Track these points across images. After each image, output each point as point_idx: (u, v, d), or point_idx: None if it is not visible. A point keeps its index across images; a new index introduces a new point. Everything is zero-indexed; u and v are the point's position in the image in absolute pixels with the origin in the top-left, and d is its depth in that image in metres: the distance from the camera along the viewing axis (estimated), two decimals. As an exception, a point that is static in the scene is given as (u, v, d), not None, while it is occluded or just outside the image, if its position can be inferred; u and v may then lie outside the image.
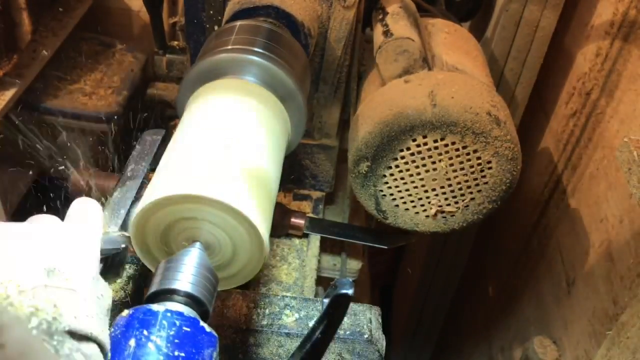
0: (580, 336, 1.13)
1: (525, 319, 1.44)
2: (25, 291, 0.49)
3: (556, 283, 1.28)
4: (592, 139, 1.20)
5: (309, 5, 1.03)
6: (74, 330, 0.50)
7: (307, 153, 1.22)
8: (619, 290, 1.02)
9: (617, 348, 0.88)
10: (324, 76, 1.14)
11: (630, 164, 0.80)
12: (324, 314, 0.66)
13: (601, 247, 1.10)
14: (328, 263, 1.19)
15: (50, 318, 0.47)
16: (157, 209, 0.68)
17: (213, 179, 0.69)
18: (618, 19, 1.14)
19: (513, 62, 1.32)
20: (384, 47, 1.01)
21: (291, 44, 0.96)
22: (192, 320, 0.62)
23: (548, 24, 1.25)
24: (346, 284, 0.66)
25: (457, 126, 0.94)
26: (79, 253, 0.58)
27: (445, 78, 0.98)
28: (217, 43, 0.91)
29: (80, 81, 1.34)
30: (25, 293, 0.49)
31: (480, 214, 1.03)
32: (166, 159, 0.76)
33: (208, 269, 0.69)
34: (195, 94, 0.87)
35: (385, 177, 1.01)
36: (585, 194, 1.19)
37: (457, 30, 1.18)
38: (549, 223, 1.37)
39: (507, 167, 0.98)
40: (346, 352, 0.93)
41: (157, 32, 1.27)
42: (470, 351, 1.83)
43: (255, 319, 0.93)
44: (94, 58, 1.42)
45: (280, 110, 0.87)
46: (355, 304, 0.97)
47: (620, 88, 1.11)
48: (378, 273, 2.53)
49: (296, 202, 1.25)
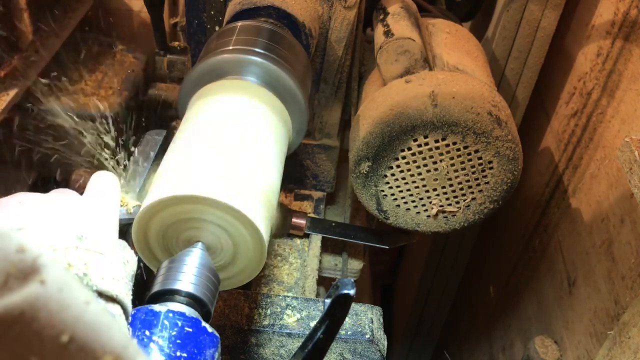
0: (581, 336, 1.13)
1: (526, 318, 1.44)
2: (58, 250, 0.53)
3: (557, 283, 1.28)
4: (593, 139, 1.20)
5: (309, 5, 1.03)
6: (101, 290, 0.53)
7: (308, 153, 1.22)
8: (620, 290, 1.02)
9: (619, 348, 0.88)
10: (325, 76, 1.14)
11: (631, 164, 0.80)
12: (326, 314, 0.66)
13: (602, 247, 1.10)
14: (329, 263, 1.20)
15: (82, 274, 0.51)
16: (159, 209, 0.68)
17: (215, 180, 0.69)
18: (619, 19, 1.14)
19: (514, 62, 1.32)
20: (385, 47, 1.01)
21: (292, 45, 0.96)
22: (194, 321, 0.63)
23: (549, 23, 1.25)
24: (347, 284, 0.66)
25: (458, 126, 0.94)
26: (102, 222, 0.61)
27: (446, 78, 0.98)
28: (218, 44, 0.91)
29: (81, 82, 1.34)
30: (58, 252, 0.52)
31: (481, 213, 1.03)
32: (168, 160, 0.76)
33: (210, 270, 0.69)
34: (196, 94, 0.87)
35: (386, 177, 1.01)
36: (586, 194, 1.19)
37: (458, 30, 1.18)
38: (550, 223, 1.37)
39: (508, 167, 0.98)
40: (348, 352, 0.93)
41: (158, 32, 1.27)
42: (471, 351, 1.83)
43: (257, 319, 0.93)
44: (94, 59, 1.42)
45: (282, 110, 0.88)
46: (357, 304, 0.97)
47: (621, 88, 1.11)
48: (379, 273, 2.53)
49: (297, 202, 1.26)
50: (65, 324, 0.32)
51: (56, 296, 0.32)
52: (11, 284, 0.31)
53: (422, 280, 1.93)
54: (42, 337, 0.31)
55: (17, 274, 0.32)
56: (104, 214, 0.62)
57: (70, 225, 0.57)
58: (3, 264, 0.32)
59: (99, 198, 0.65)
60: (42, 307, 0.32)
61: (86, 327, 0.33)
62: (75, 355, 0.33)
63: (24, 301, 0.31)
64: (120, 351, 0.34)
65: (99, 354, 0.33)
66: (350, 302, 0.66)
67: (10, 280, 0.31)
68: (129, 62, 1.44)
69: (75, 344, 0.33)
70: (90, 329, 0.33)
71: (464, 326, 1.96)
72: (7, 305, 0.30)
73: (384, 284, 2.68)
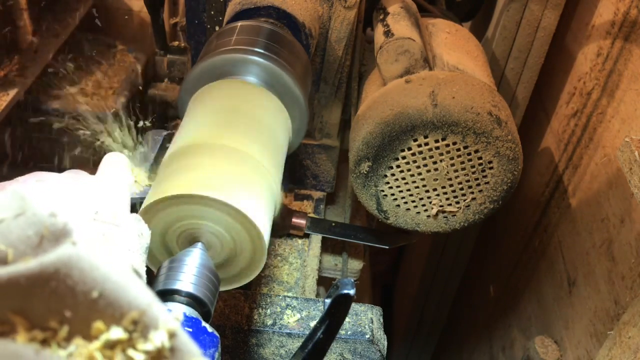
0: (581, 336, 1.13)
1: (526, 318, 1.44)
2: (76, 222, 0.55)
3: (557, 283, 1.28)
4: (593, 139, 1.20)
5: (309, 5, 1.03)
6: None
7: (308, 153, 1.22)
8: (620, 290, 1.02)
9: (619, 348, 0.88)
10: (325, 76, 1.14)
11: (631, 164, 0.80)
12: (326, 314, 0.66)
13: (602, 247, 1.10)
14: (329, 263, 1.20)
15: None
16: (160, 209, 0.68)
17: (215, 180, 0.69)
18: (619, 19, 1.14)
19: (514, 62, 1.32)
20: (385, 47, 1.01)
21: (292, 45, 0.96)
22: (194, 321, 0.63)
23: (549, 23, 1.25)
24: (347, 284, 0.66)
25: (458, 126, 0.94)
26: (115, 198, 0.64)
27: (446, 78, 0.98)
28: (218, 43, 0.91)
29: (81, 82, 1.34)
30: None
31: (481, 213, 1.03)
32: (168, 160, 0.76)
33: (210, 270, 0.69)
34: (196, 94, 0.87)
35: (386, 177, 1.01)
36: (586, 194, 1.19)
37: (458, 30, 1.18)
38: (550, 223, 1.37)
39: (508, 167, 0.98)
40: (348, 352, 0.93)
41: (158, 32, 1.27)
42: (471, 350, 1.83)
43: (257, 319, 0.93)
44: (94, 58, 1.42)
45: (282, 110, 0.88)
46: (357, 304, 0.97)
47: (621, 88, 1.11)
48: (379, 273, 2.53)
49: (297, 202, 1.26)
50: (96, 281, 0.35)
51: (87, 256, 0.36)
52: (45, 245, 0.35)
53: (422, 280, 1.93)
54: (75, 293, 0.35)
55: (49, 236, 0.36)
56: (117, 191, 0.66)
57: (86, 201, 0.60)
58: (37, 226, 0.36)
59: (111, 176, 0.68)
60: (75, 265, 0.35)
61: (114, 285, 0.36)
62: (103, 310, 0.36)
63: (58, 259, 0.34)
64: (145, 307, 0.37)
65: (126, 309, 0.36)
66: (350, 302, 0.66)
67: (44, 242, 0.36)
68: (129, 62, 1.44)
69: (104, 300, 0.36)
70: (117, 287, 0.36)
71: (464, 326, 1.96)
72: (44, 262, 0.34)
73: (384, 284, 2.68)
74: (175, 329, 0.38)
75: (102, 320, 0.36)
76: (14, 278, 0.33)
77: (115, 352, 0.36)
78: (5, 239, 0.35)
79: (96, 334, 0.36)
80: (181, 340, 0.38)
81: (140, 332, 0.36)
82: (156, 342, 0.36)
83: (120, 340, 0.36)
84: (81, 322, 0.35)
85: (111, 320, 0.36)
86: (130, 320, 0.36)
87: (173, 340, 0.37)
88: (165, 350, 0.37)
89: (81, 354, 0.35)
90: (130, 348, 0.36)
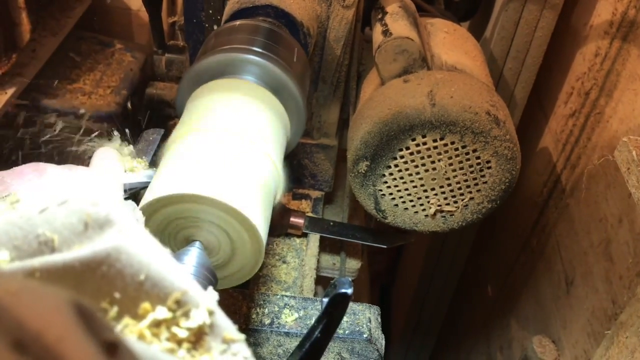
0: (579, 336, 1.13)
1: (524, 318, 1.44)
2: None
3: (555, 282, 1.28)
4: (591, 139, 1.20)
5: (308, 4, 1.03)
6: None
7: (306, 152, 1.22)
8: (617, 289, 1.02)
9: (616, 347, 0.88)
10: (323, 76, 1.14)
11: (629, 164, 0.80)
12: (323, 313, 0.66)
13: (600, 247, 1.10)
14: (327, 262, 1.19)
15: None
16: (157, 208, 0.68)
17: (213, 179, 0.69)
18: (617, 19, 1.14)
19: (512, 61, 1.32)
20: (383, 47, 1.01)
21: (290, 44, 0.96)
22: (191, 320, 0.62)
23: (547, 23, 1.25)
24: (345, 283, 0.66)
25: (456, 126, 0.94)
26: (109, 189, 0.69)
27: (444, 78, 0.98)
28: (216, 42, 0.91)
29: (80, 80, 1.34)
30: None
31: (479, 213, 1.03)
32: (166, 159, 0.76)
33: (207, 269, 0.69)
34: (194, 93, 0.87)
35: (384, 177, 1.01)
36: (584, 194, 1.20)
37: (457, 30, 1.18)
38: (548, 222, 1.37)
39: (507, 166, 0.98)
40: (345, 352, 0.93)
41: (156, 31, 1.27)
42: (469, 350, 1.83)
43: (255, 319, 0.93)
44: (93, 57, 1.42)
45: (280, 109, 0.87)
46: (355, 303, 0.97)
47: (619, 88, 1.11)
48: (377, 272, 2.53)
49: (295, 201, 1.25)
50: (142, 265, 0.39)
51: (132, 242, 0.39)
52: (90, 232, 0.39)
53: (420, 280, 1.94)
54: (123, 276, 0.38)
55: (93, 224, 0.39)
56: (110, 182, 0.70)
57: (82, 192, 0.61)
58: (79, 214, 0.39)
59: (103, 168, 0.73)
60: (124, 251, 0.38)
61: (158, 268, 0.39)
62: (149, 291, 0.39)
63: (108, 245, 0.38)
64: (187, 288, 0.40)
65: (169, 290, 0.39)
66: (348, 301, 0.66)
67: (89, 229, 0.39)
68: (127, 61, 1.44)
69: (150, 282, 0.39)
70: (161, 269, 0.39)
71: (462, 326, 1.96)
72: (95, 248, 0.37)
73: (382, 283, 2.68)
74: (213, 308, 0.41)
75: (149, 301, 0.39)
76: (69, 263, 0.36)
77: (161, 330, 0.39)
78: (50, 225, 0.38)
79: (143, 313, 0.39)
80: (219, 317, 0.41)
81: (183, 311, 0.39)
82: (198, 320, 0.40)
83: (166, 319, 0.39)
84: (129, 303, 0.38)
85: (156, 300, 0.39)
86: (173, 300, 0.39)
87: (212, 318, 0.41)
88: (205, 326, 0.40)
89: (132, 332, 0.38)
90: (174, 325, 0.39)
